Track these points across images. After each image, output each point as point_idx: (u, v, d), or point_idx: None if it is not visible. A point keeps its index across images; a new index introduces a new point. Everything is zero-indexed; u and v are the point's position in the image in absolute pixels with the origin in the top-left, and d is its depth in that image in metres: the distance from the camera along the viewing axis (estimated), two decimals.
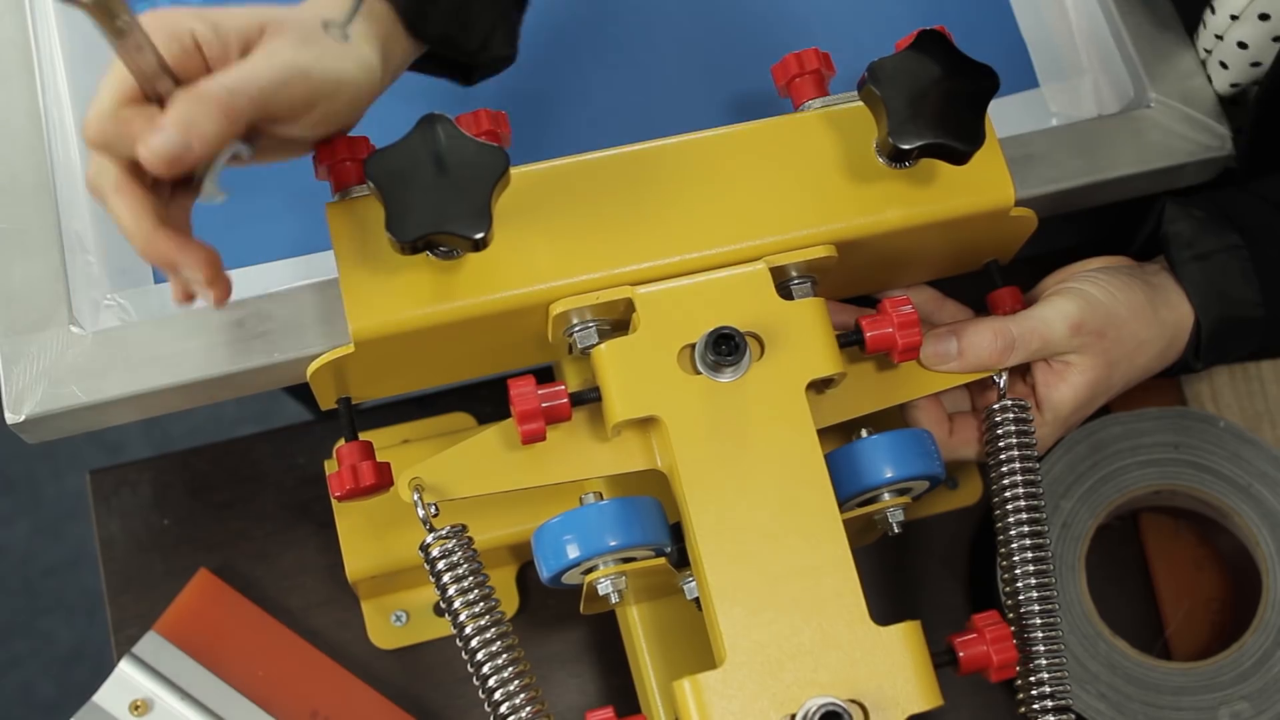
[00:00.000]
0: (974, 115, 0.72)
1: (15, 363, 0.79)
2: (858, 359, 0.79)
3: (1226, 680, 0.85)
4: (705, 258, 0.73)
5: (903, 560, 0.93)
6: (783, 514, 0.70)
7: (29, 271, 0.82)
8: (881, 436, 0.74)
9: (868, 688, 0.67)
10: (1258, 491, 0.88)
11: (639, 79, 0.92)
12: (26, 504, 1.86)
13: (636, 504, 0.71)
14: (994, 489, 0.78)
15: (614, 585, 0.71)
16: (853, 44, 0.92)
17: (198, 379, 0.79)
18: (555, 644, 0.90)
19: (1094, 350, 0.79)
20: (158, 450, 1.68)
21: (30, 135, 0.85)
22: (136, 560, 0.91)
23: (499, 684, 0.70)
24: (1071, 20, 0.94)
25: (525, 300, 0.72)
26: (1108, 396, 0.82)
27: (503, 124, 0.78)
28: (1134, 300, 0.80)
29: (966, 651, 0.72)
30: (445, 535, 0.72)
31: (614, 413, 0.71)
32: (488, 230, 0.67)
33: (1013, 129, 0.90)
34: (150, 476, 0.93)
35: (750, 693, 0.67)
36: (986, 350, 0.78)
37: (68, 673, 1.79)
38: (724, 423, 0.71)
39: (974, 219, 0.76)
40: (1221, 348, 0.83)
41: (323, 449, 0.93)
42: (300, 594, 0.91)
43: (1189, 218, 0.83)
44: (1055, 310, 0.78)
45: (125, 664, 0.86)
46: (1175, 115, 0.90)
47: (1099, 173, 0.88)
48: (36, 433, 0.80)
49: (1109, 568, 0.91)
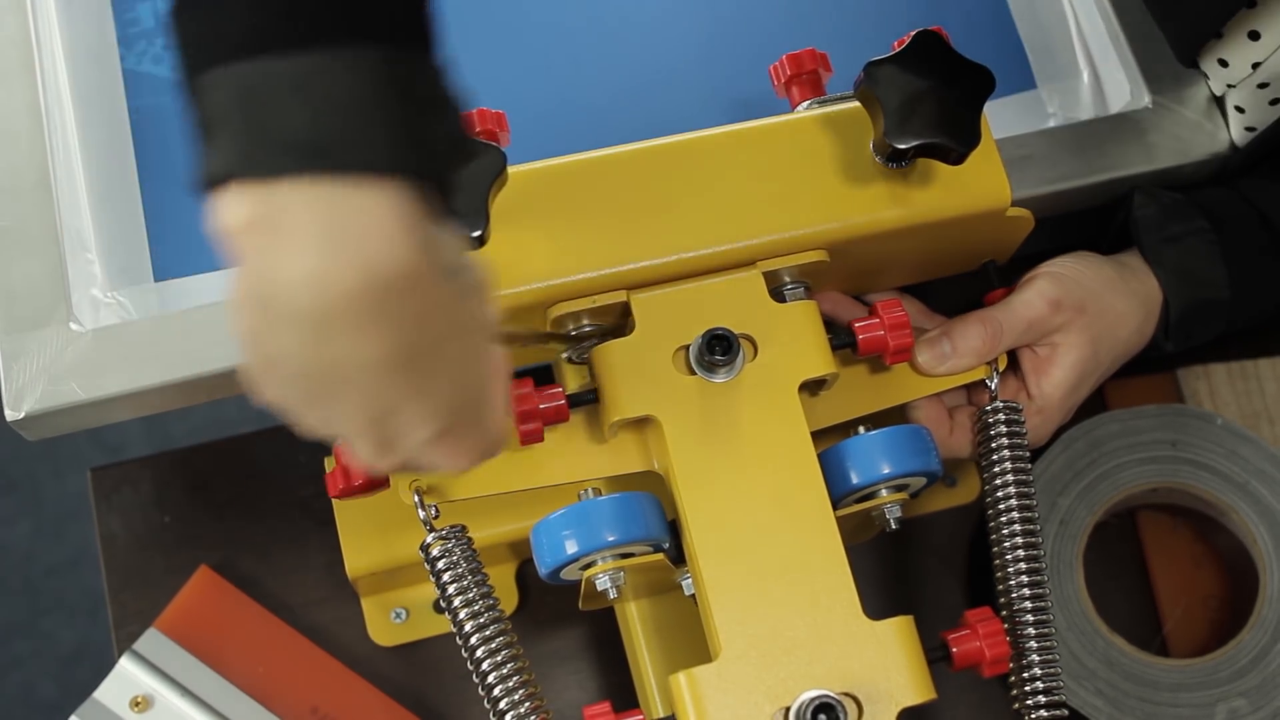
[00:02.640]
0: (970, 115, 0.72)
1: (15, 360, 0.80)
2: (853, 361, 0.79)
3: (1224, 677, 0.85)
4: (702, 256, 0.73)
5: (901, 557, 0.93)
6: (776, 511, 0.70)
7: (29, 269, 0.82)
8: (878, 433, 0.75)
9: (861, 681, 0.68)
10: (1255, 489, 0.88)
11: (636, 79, 0.92)
12: (28, 504, 1.86)
13: (635, 499, 0.71)
14: (987, 489, 0.78)
15: (612, 581, 0.71)
16: (850, 45, 0.92)
17: (196, 376, 0.80)
18: (554, 641, 0.91)
19: (1077, 327, 0.80)
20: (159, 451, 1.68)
21: (31, 134, 0.85)
22: (137, 557, 0.91)
23: (498, 680, 0.71)
24: (1069, 21, 0.95)
25: (522, 299, 0.72)
26: (1097, 378, 0.83)
27: (501, 123, 0.78)
28: (1105, 274, 0.82)
29: (959, 647, 0.72)
30: (445, 535, 0.72)
31: (611, 412, 0.72)
32: (485, 229, 0.67)
33: (1010, 130, 0.90)
34: (151, 474, 0.93)
35: (745, 686, 0.67)
36: (977, 341, 0.78)
37: (69, 673, 1.79)
38: (718, 422, 0.72)
39: (971, 219, 0.77)
40: (1189, 328, 0.85)
41: (323, 447, 0.93)
42: (300, 591, 0.91)
43: (1157, 203, 0.85)
44: (1033, 292, 0.80)
45: (126, 660, 0.86)
46: (1173, 116, 0.90)
47: (1096, 173, 0.88)
48: (36, 430, 0.81)
49: (1107, 565, 0.91)
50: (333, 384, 0.53)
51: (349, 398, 0.54)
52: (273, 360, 0.53)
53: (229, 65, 0.50)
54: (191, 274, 0.84)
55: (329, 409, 0.55)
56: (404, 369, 0.53)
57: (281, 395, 0.55)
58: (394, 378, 0.53)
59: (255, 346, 0.53)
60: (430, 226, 0.52)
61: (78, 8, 0.90)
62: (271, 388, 0.54)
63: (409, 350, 0.53)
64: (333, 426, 0.56)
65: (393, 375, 0.53)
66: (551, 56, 0.92)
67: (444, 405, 0.56)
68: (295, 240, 0.49)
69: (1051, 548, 0.87)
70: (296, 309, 0.50)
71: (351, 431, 0.56)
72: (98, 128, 0.87)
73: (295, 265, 0.49)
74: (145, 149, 0.87)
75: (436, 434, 0.57)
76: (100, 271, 0.84)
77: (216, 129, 0.50)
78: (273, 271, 0.50)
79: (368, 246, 0.49)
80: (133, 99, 0.88)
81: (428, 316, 0.53)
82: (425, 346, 0.53)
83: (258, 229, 0.50)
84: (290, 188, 0.49)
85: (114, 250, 0.84)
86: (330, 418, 0.55)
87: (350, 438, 0.57)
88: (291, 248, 0.49)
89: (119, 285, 0.84)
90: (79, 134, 0.86)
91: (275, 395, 0.55)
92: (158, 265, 0.85)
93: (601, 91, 0.92)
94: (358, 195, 0.49)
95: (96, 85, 0.88)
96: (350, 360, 0.52)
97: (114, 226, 0.85)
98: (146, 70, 0.89)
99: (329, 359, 0.52)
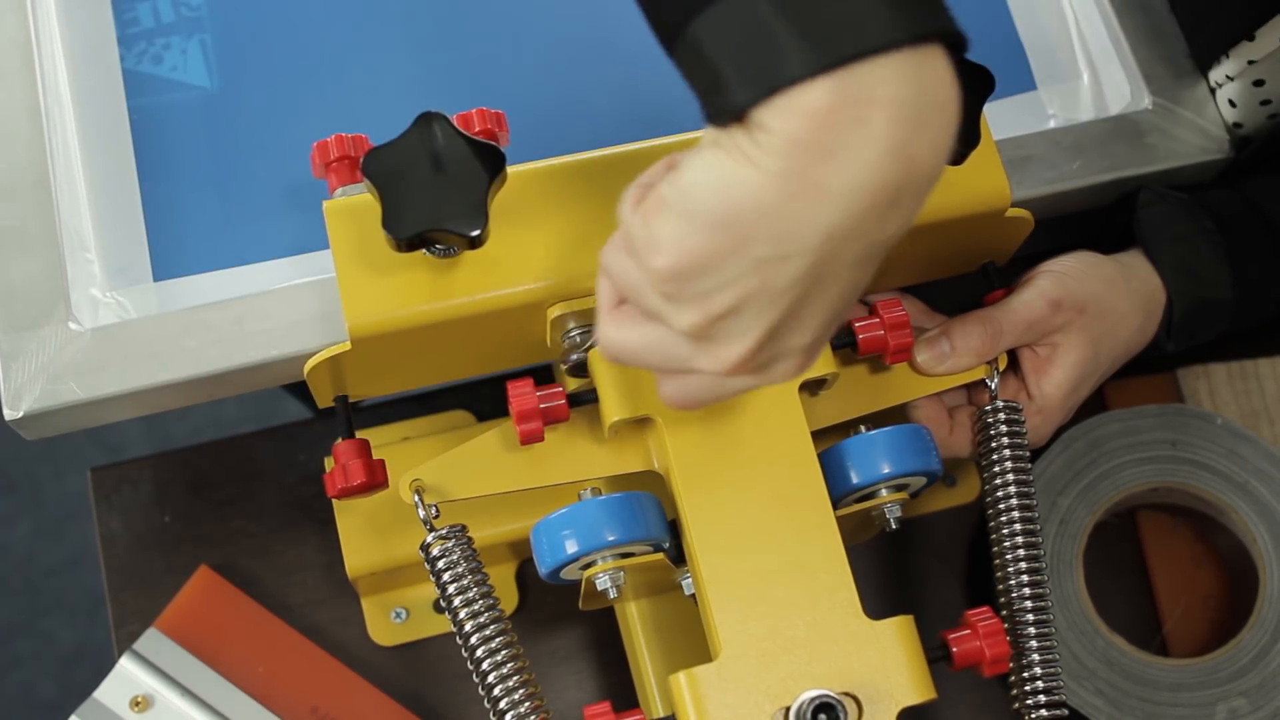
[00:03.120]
0: (970, 116, 0.72)
1: (14, 359, 0.80)
2: (853, 361, 0.79)
3: (1224, 676, 0.85)
4: None
5: (901, 557, 0.93)
6: (776, 511, 0.70)
7: (28, 268, 0.82)
8: (878, 433, 0.75)
9: (861, 681, 0.68)
10: (1254, 489, 0.88)
11: (637, 78, 0.92)
12: (28, 505, 1.86)
13: (635, 499, 0.71)
14: (987, 488, 0.78)
15: (612, 580, 0.71)
16: None
17: (195, 376, 0.80)
18: (554, 641, 0.91)
19: (1077, 327, 0.80)
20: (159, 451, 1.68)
21: (31, 133, 0.85)
22: (137, 557, 0.91)
23: (498, 680, 0.71)
24: (1069, 22, 0.95)
25: (522, 299, 0.72)
26: (1098, 378, 0.83)
27: (500, 123, 0.78)
28: (1105, 273, 0.82)
29: (959, 646, 0.72)
30: (445, 535, 0.72)
31: (611, 412, 0.72)
32: (484, 228, 0.67)
33: (1010, 131, 0.90)
34: (151, 474, 0.93)
35: (745, 686, 0.67)
36: (977, 340, 0.78)
37: (69, 673, 1.79)
38: (718, 422, 0.72)
39: (970, 220, 0.77)
40: (1191, 328, 0.85)
41: (323, 447, 0.94)
42: (300, 591, 0.91)
43: (1163, 202, 0.85)
44: (1034, 291, 0.80)
45: (126, 660, 0.86)
46: (1173, 117, 0.90)
47: (1096, 174, 0.88)
48: (35, 429, 0.81)
49: (1107, 565, 0.91)
50: (826, 270, 0.52)
51: (826, 282, 0.53)
52: (779, 237, 0.51)
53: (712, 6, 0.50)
54: (191, 274, 0.84)
55: (801, 292, 0.53)
56: (875, 257, 0.53)
57: (775, 275, 0.52)
58: (868, 264, 0.53)
59: (767, 220, 0.51)
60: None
61: (78, 8, 0.90)
62: (767, 266, 0.52)
63: (892, 238, 0.53)
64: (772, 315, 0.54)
65: (870, 261, 0.53)
66: (551, 57, 0.92)
67: (836, 313, 0.55)
68: (879, 120, 0.49)
69: (1051, 548, 0.87)
70: (851, 188, 0.50)
71: (759, 320, 0.54)
72: (97, 128, 0.87)
73: (869, 147, 0.49)
74: (145, 149, 0.87)
75: (814, 343, 0.56)
76: (99, 271, 0.84)
77: (751, 48, 0.50)
78: (905, 145, 0.50)
79: (947, 114, 0.50)
80: (133, 99, 0.88)
81: (919, 208, 0.53)
82: (895, 239, 0.53)
83: (841, 111, 0.49)
84: (875, 65, 0.49)
85: (113, 250, 0.84)
86: (785, 304, 0.53)
87: (744, 328, 0.54)
88: (871, 131, 0.49)
89: (118, 285, 0.84)
90: (79, 134, 0.86)
91: (767, 273, 0.52)
92: (157, 265, 0.85)
93: (601, 91, 0.92)
94: (928, 68, 0.50)
95: (96, 85, 0.88)
96: (887, 237, 0.52)
97: (113, 226, 0.85)
98: (146, 70, 0.89)
99: (885, 232, 0.52)
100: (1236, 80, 0.87)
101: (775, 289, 0.53)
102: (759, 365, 0.57)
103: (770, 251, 0.52)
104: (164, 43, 0.90)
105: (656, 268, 0.53)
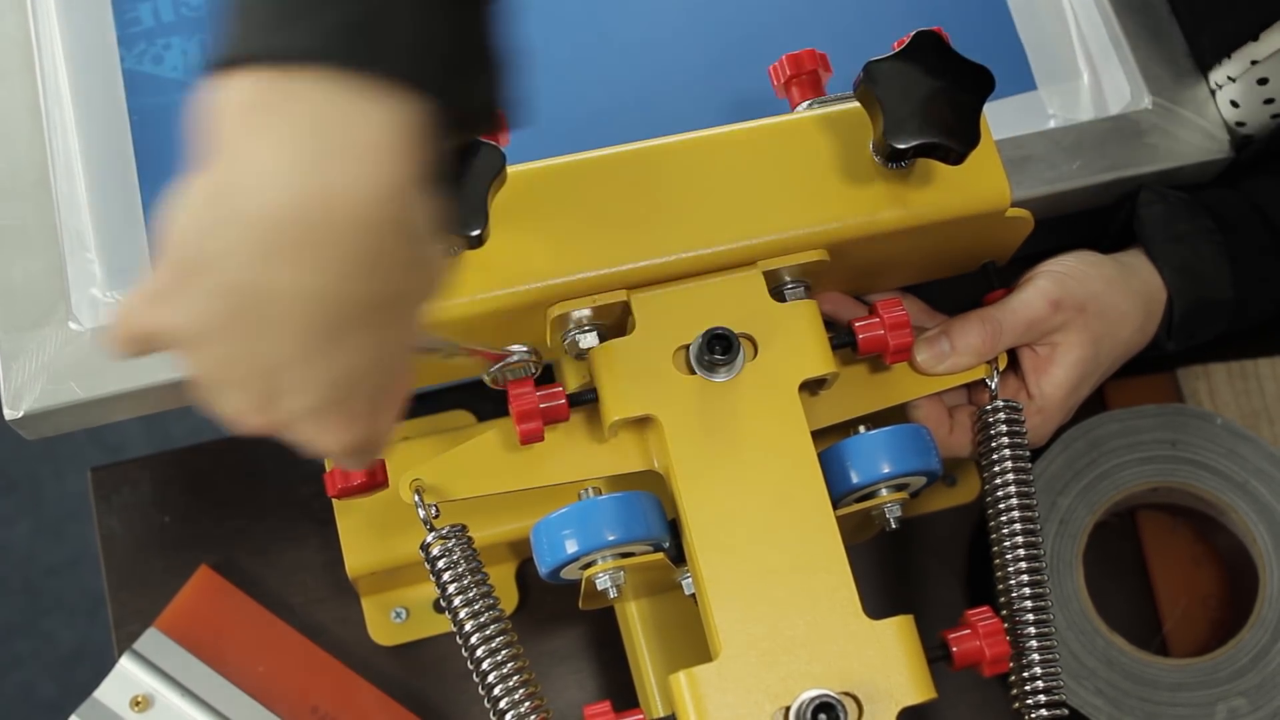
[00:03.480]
0: (969, 116, 0.72)
1: (14, 358, 0.80)
2: (853, 361, 0.79)
3: (1223, 676, 0.85)
4: (702, 256, 0.73)
5: (901, 557, 0.93)
6: (776, 510, 0.70)
7: (28, 268, 0.82)
8: (878, 432, 0.75)
9: (861, 680, 0.68)
10: (1254, 488, 0.88)
11: (636, 78, 0.92)
12: (28, 504, 1.86)
13: (635, 499, 0.71)
14: (987, 488, 0.78)
15: (612, 580, 0.71)
16: (849, 45, 0.92)
17: None
18: (554, 641, 0.91)
19: (1077, 327, 0.80)
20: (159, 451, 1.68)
21: (31, 133, 0.85)
22: (137, 557, 0.91)
23: (498, 680, 0.71)
24: (1069, 22, 0.95)
25: (521, 299, 0.72)
26: (1098, 377, 0.83)
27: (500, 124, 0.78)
28: (1106, 272, 0.82)
29: (959, 646, 0.72)
30: (445, 535, 0.73)
31: (611, 412, 0.72)
32: (483, 227, 0.67)
33: (1011, 131, 0.90)
34: (151, 474, 0.93)
35: (745, 685, 0.67)
36: (977, 340, 0.78)
37: (69, 673, 1.79)
38: (718, 421, 0.71)
39: (970, 220, 0.77)
40: (1192, 328, 0.85)
41: None
42: (300, 590, 0.91)
43: (1164, 201, 0.85)
44: (1034, 290, 0.80)
45: (126, 660, 0.86)
46: (1173, 117, 0.90)
47: (1096, 174, 0.89)
48: (35, 428, 0.81)
49: (1106, 564, 0.91)
50: (249, 309, 0.47)
51: (257, 330, 0.48)
52: (199, 265, 0.47)
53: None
54: None
55: (229, 341, 0.49)
56: (325, 317, 0.48)
57: (187, 312, 0.49)
58: (311, 323, 0.48)
59: (188, 243, 0.48)
60: (425, 165, 0.48)
61: (78, 8, 0.90)
62: (183, 299, 0.49)
63: (341, 298, 0.48)
64: (215, 364, 0.50)
65: (311, 319, 0.48)
66: (552, 57, 0.92)
67: (341, 378, 0.50)
68: (287, 130, 0.46)
69: (1051, 547, 0.87)
70: (256, 206, 0.46)
71: (235, 374, 0.50)
72: (98, 128, 0.87)
73: (274, 158, 0.46)
74: (145, 149, 0.87)
75: (319, 406, 0.51)
76: (100, 271, 0.84)
77: (244, 12, 0.47)
78: (249, 161, 0.46)
79: (357, 159, 0.46)
80: (133, 99, 0.88)
81: (375, 268, 0.48)
82: (355, 301, 0.48)
83: (255, 113, 0.46)
84: (304, 76, 0.46)
85: (113, 249, 0.84)
86: (222, 353, 0.49)
87: (228, 381, 0.51)
88: (279, 138, 0.46)
89: (118, 284, 0.84)
90: (79, 134, 0.86)
91: (182, 309, 0.49)
92: None
93: (601, 91, 0.92)
94: (367, 101, 0.46)
95: (96, 85, 0.88)
96: (283, 284, 0.47)
97: (113, 226, 0.85)
98: (146, 70, 0.89)
99: (264, 277, 0.46)
100: (1239, 80, 0.87)
101: (224, 315, 0.48)
102: (276, 425, 0.52)
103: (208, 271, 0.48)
104: (164, 43, 0.90)
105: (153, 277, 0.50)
